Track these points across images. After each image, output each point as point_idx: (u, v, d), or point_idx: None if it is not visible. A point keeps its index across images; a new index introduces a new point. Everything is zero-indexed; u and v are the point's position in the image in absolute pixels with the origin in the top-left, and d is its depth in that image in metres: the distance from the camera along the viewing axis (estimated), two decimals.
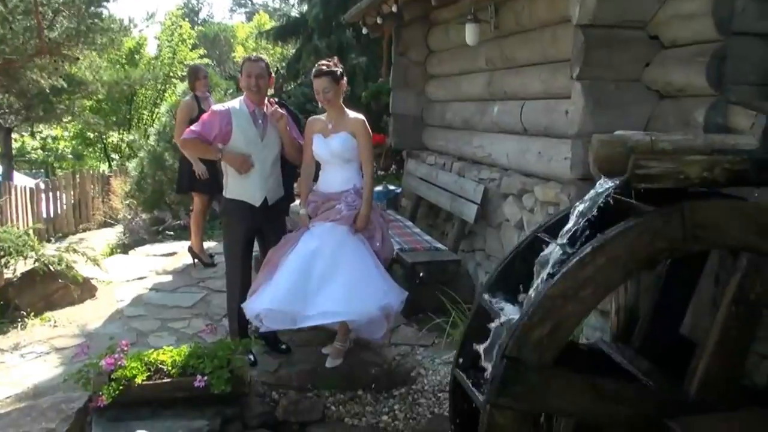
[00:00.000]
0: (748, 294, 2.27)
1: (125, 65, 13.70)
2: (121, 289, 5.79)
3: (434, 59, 6.87)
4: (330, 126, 4.15)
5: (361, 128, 4.13)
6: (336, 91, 4.09)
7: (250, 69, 4.11)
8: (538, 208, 4.39)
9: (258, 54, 4.28)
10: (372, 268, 4.05)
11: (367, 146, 4.16)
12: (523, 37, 4.90)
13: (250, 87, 4.10)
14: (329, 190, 4.17)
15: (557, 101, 4.44)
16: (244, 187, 4.15)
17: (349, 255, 3.97)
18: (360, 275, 3.94)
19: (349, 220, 4.02)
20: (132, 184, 8.79)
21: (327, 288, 3.83)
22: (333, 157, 4.12)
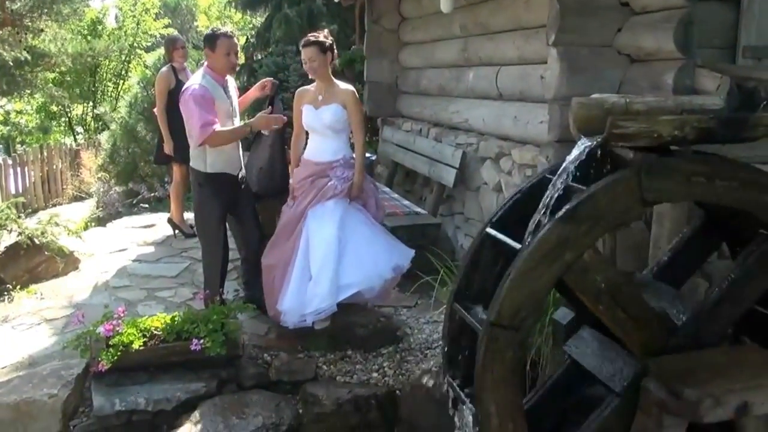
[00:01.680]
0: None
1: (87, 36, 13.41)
2: (104, 261, 5.83)
3: (408, 27, 6.95)
4: (320, 98, 4.24)
5: (351, 99, 4.23)
6: (322, 62, 4.16)
7: (231, 46, 4.17)
8: (516, 171, 4.56)
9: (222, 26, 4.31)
10: (376, 233, 4.21)
11: (358, 116, 4.28)
12: (496, 4, 5.00)
13: (231, 64, 4.20)
14: (319, 159, 4.27)
15: (532, 67, 4.58)
16: (226, 160, 4.23)
17: (352, 225, 4.12)
18: (367, 242, 4.11)
19: (346, 193, 4.15)
20: (104, 157, 8.75)
21: (340, 263, 3.97)
22: (324, 128, 4.21)
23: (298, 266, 4.09)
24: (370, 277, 4.11)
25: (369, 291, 4.18)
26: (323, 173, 4.23)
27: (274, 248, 4.25)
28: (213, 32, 4.22)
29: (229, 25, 24.92)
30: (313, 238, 4.11)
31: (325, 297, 3.96)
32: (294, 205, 4.26)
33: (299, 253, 4.12)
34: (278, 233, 4.27)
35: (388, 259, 4.20)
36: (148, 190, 8.45)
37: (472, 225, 5.33)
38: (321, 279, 4.00)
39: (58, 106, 13.96)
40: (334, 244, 4.05)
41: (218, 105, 4.09)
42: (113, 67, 14.66)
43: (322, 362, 3.94)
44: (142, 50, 15.10)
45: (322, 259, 4.03)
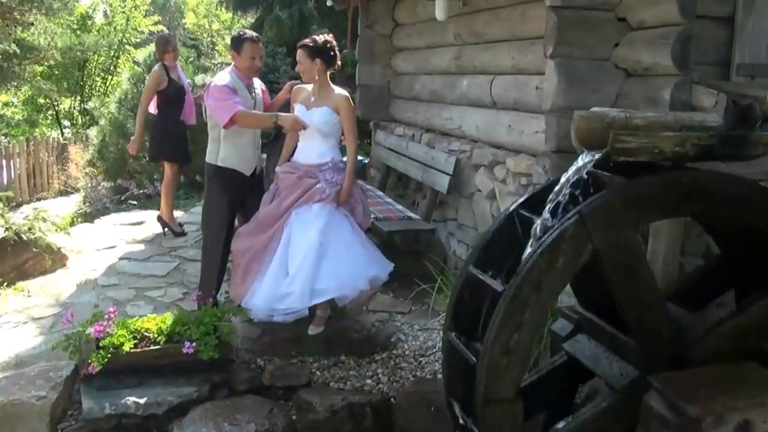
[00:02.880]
0: None
1: (77, 30, 13.28)
2: (93, 259, 5.79)
3: (401, 33, 6.96)
4: (313, 99, 4.26)
5: (344, 104, 4.25)
6: (309, 66, 4.19)
7: (256, 51, 4.26)
8: (510, 179, 4.59)
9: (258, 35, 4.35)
10: (358, 242, 4.22)
11: (350, 122, 4.29)
12: (492, 14, 5.03)
13: (254, 68, 4.29)
14: (307, 161, 4.28)
15: (527, 77, 4.61)
16: (240, 157, 4.30)
17: (335, 231, 4.13)
18: (347, 250, 4.12)
19: (333, 198, 4.16)
20: (93, 152, 8.67)
21: (318, 268, 3.98)
22: (313, 130, 4.23)
23: (275, 263, 4.09)
24: (345, 286, 4.10)
25: (341, 299, 4.18)
26: (311, 174, 4.24)
27: (248, 235, 4.25)
28: (240, 36, 4.30)
29: (216, 23, 24.85)
30: (295, 239, 4.12)
31: (297, 298, 3.97)
32: (277, 200, 4.26)
33: (278, 250, 4.12)
34: (256, 222, 4.27)
35: (365, 270, 4.19)
36: (137, 187, 8.39)
37: (466, 231, 5.36)
38: (297, 279, 4.00)
39: (46, 99, 13.81)
40: (314, 248, 4.05)
41: (241, 102, 4.12)
42: (102, 62, 14.54)
43: (316, 368, 3.93)
44: (132, 46, 14.98)
45: (301, 260, 4.04)
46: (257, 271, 4.06)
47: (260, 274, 4.04)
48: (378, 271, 4.25)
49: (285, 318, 4.00)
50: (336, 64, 4.36)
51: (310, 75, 4.22)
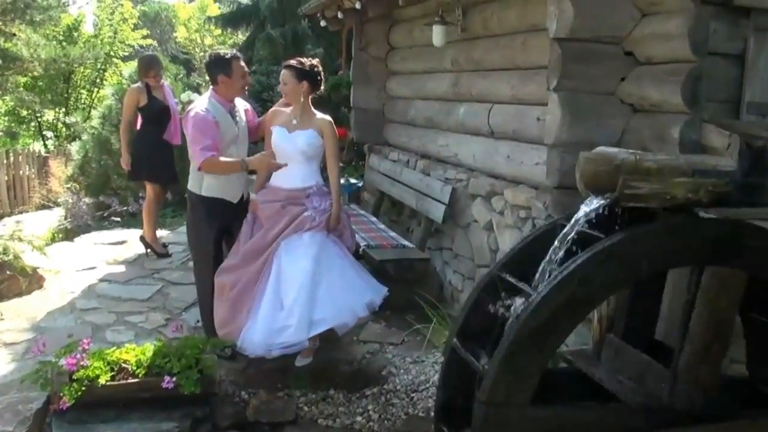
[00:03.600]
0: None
1: (62, 42, 13.08)
2: (71, 280, 5.57)
3: (396, 56, 6.88)
4: (294, 121, 4.15)
5: (328, 128, 4.16)
6: (294, 87, 4.09)
7: (244, 66, 4.13)
8: (509, 211, 4.47)
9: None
10: (350, 267, 4.10)
11: (334, 146, 4.21)
12: (491, 41, 4.95)
13: (242, 89, 4.14)
14: (289, 186, 4.14)
15: (527, 107, 4.52)
16: (225, 186, 4.13)
17: (327, 259, 4.01)
18: (341, 277, 4.01)
19: (323, 225, 4.02)
20: (75, 167, 8.44)
21: (314, 298, 3.85)
22: (296, 153, 4.11)
23: (268, 296, 3.94)
24: (343, 314, 3.99)
25: (342, 327, 4.07)
26: (296, 200, 4.10)
27: (233, 269, 4.07)
28: (224, 56, 4.09)
29: (209, 38, 24.75)
30: (286, 270, 3.97)
31: (295, 330, 3.82)
32: (262, 230, 4.10)
33: (269, 283, 3.97)
34: (241, 254, 4.09)
35: (361, 296, 4.09)
36: (121, 204, 8.16)
37: (461, 261, 5.22)
38: (294, 311, 3.86)
39: (28, 110, 13.56)
40: (308, 278, 3.92)
41: (223, 130, 4.00)
42: (88, 75, 14.31)
43: (303, 402, 3.76)
44: (119, 59, 14.79)
45: (296, 291, 3.90)
46: (248, 306, 3.89)
47: (254, 309, 3.88)
48: (373, 295, 4.13)
49: (284, 352, 3.85)
50: (320, 89, 4.28)
51: (295, 96, 4.11)
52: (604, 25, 3.40)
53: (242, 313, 3.89)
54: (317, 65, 4.16)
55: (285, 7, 9.18)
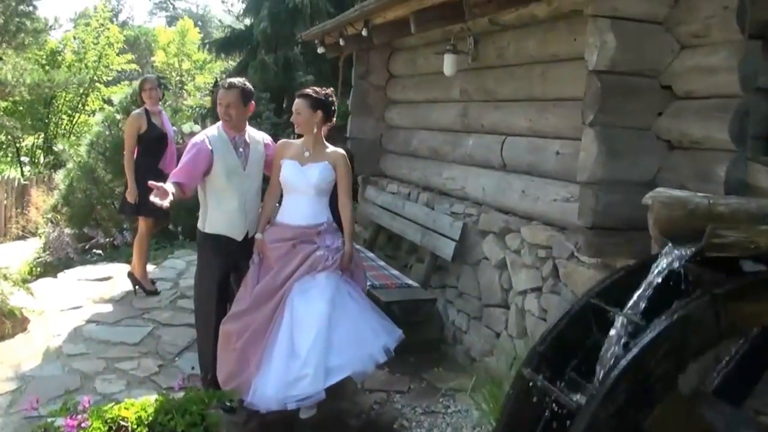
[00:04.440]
0: None
1: (45, 66, 12.71)
2: (56, 321, 5.20)
3: (397, 85, 6.68)
4: (307, 154, 3.91)
5: (342, 161, 3.94)
6: (308, 116, 3.87)
7: (221, 97, 3.91)
8: (526, 250, 4.24)
9: (231, 80, 3.96)
10: (365, 309, 3.85)
11: (347, 180, 3.98)
12: (506, 71, 4.77)
13: (222, 116, 3.91)
14: (298, 222, 3.89)
15: (545, 140, 4.33)
16: (225, 221, 3.90)
17: (341, 301, 3.76)
18: (356, 320, 3.78)
19: (338, 266, 3.77)
20: (59, 196, 8.07)
21: (329, 344, 3.57)
22: (309, 187, 3.87)
23: (281, 345, 3.65)
24: (362, 360, 3.72)
25: (360, 375, 3.81)
26: (308, 238, 3.84)
27: (241, 315, 3.77)
28: (245, 84, 3.93)
29: (187, 63, 24.52)
30: (299, 315, 3.69)
31: (312, 381, 3.53)
32: (272, 272, 3.82)
33: (281, 329, 3.68)
34: (250, 299, 3.79)
35: (378, 339, 3.82)
36: (105, 236, 7.79)
37: (467, 300, 4.97)
38: (310, 360, 3.57)
39: (7, 136, 13.12)
40: (324, 322, 3.65)
41: (219, 159, 3.80)
42: (70, 100, 13.93)
43: None
44: (102, 84, 14.45)
45: (312, 338, 3.61)
46: (258, 357, 3.59)
47: (265, 359, 3.58)
48: (388, 338, 3.86)
49: (300, 405, 3.56)
50: (333, 120, 4.06)
51: (308, 127, 3.89)
52: (644, 58, 3.22)
53: (252, 364, 3.59)
54: (332, 95, 3.94)
55: (277, 34, 8.99)
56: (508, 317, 4.43)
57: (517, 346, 4.31)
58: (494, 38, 4.89)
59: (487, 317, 4.68)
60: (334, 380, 3.57)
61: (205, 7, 42.12)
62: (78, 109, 14.17)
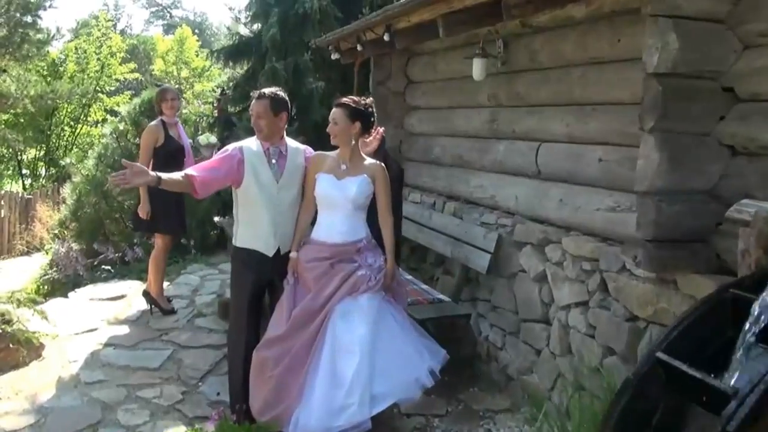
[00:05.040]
0: None
1: (47, 77, 12.46)
2: (71, 345, 4.98)
3: (417, 91, 6.46)
4: (344, 167, 3.69)
5: (381, 173, 3.72)
6: (345, 127, 3.66)
7: (253, 107, 3.72)
8: (569, 263, 4.01)
9: (263, 90, 3.74)
10: (408, 331, 3.63)
11: (387, 194, 3.75)
12: (539, 75, 4.55)
13: (253, 127, 3.70)
14: (337, 240, 3.67)
15: (585, 147, 4.12)
16: (255, 235, 3.70)
17: (385, 323, 3.54)
18: (401, 343, 3.57)
19: (380, 286, 3.56)
20: (67, 211, 7.84)
21: (374, 369, 3.35)
22: (346, 202, 3.65)
23: (324, 372, 3.41)
24: (408, 385, 3.51)
25: (406, 401, 3.60)
26: (347, 257, 3.63)
27: (278, 341, 3.53)
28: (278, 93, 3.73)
29: (185, 71, 24.29)
30: (343, 340, 3.46)
31: (357, 409, 3.29)
32: (311, 294, 3.60)
33: (322, 355, 3.45)
34: (287, 323, 3.56)
35: (423, 362, 3.60)
36: (115, 251, 7.57)
37: (501, 315, 4.74)
38: (355, 387, 3.34)
39: (8, 149, 12.88)
40: (367, 346, 3.43)
41: (250, 169, 3.62)
42: (72, 111, 13.68)
43: None
44: (104, 94, 14.22)
45: (357, 364, 3.38)
46: (299, 385, 3.36)
47: (307, 388, 3.34)
48: (433, 360, 3.65)
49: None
50: (371, 131, 3.85)
51: (345, 138, 3.67)
52: (708, 59, 3.00)
53: (292, 393, 3.36)
54: (371, 105, 3.72)
55: (287, 40, 8.75)
56: (549, 333, 4.21)
57: (561, 363, 4.08)
58: (525, 41, 4.68)
59: (525, 333, 4.46)
60: (381, 408, 3.35)
61: (202, 15, 42.17)
62: (80, 120, 13.93)
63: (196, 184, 3.54)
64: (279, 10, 8.83)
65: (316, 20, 8.67)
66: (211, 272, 7.04)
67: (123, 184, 3.36)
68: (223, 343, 5.02)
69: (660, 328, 3.39)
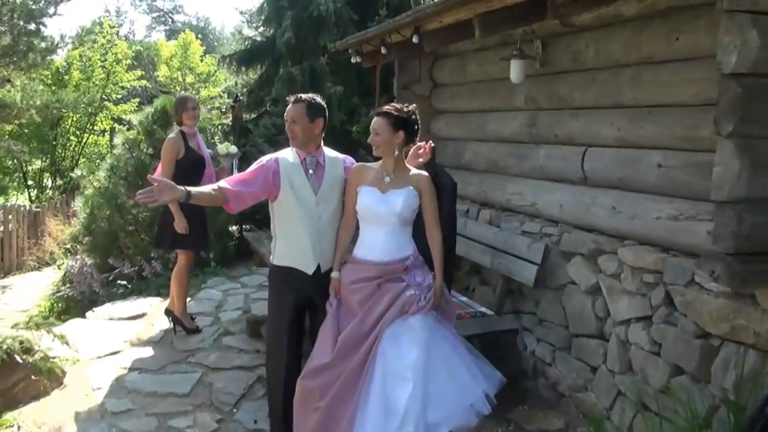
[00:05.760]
0: None
1: (51, 86, 12.22)
2: (93, 370, 4.74)
3: (444, 94, 6.22)
4: (387, 179, 3.43)
5: (428, 185, 3.46)
6: (388, 137, 3.39)
7: (288, 112, 3.46)
8: (629, 275, 3.77)
9: (300, 94, 3.50)
10: (461, 353, 3.37)
11: (434, 206, 3.49)
12: (584, 76, 4.32)
13: (287, 132, 3.46)
14: (383, 258, 3.41)
15: (640, 151, 3.89)
16: (294, 252, 3.46)
17: (437, 345, 3.28)
18: (455, 366, 3.30)
19: (431, 307, 3.31)
20: (80, 225, 7.59)
21: (427, 396, 3.11)
22: (391, 216, 3.39)
23: (375, 401, 3.16)
24: (464, 412, 3.23)
25: (461, 429, 3.31)
26: (395, 276, 3.38)
27: (322, 370, 3.28)
28: (314, 99, 3.49)
29: (190, 76, 24.04)
30: (394, 366, 3.21)
31: None
32: (357, 318, 3.35)
33: (373, 383, 3.20)
34: (333, 350, 3.31)
35: (478, 386, 3.34)
36: (131, 266, 7.32)
37: (549, 329, 4.50)
38: (409, 416, 3.08)
39: (14, 160, 12.63)
40: (421, 372, 3.17)
41: (286, 181, 3.38)
42: (77, 120, 13.42)
43: None
44: (111, 102, 13.97)
45: (409, 392, 3.13)
46: (349, 415, 3.11)
47: (359, 420, 3.09)
48: (488, 384, 3.37)
49: None
50: (416, 140, 3.60)
51: (388, 148, 3.40)
52: None
53: (341, 424, 3.11)
54: (415, 112, 3.47)
55: (302, 44, 8.53)
56: (606, 349, 3.97)
57: (620, 381, 3.84)
58: (567, 41, 4.44)
59: (577, 348, 4.22)
60: None
61: (205, 19, 41.82)
62: (86, 130, 13.68)
63: (229, 198, 3.30)
64: (293, 13, 8.63)
65: (332, 23, 8.47)
66: (233, 286, 6.80)
67: (150, 202, 3.10)
68: (255, 364, 4.81)
69: (737, 345, 3.17)
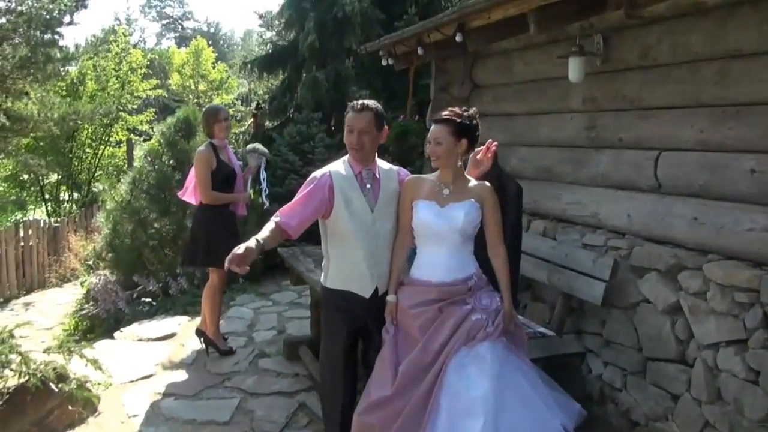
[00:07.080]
0: None
1: (66, 97, 11.96)
2: (127, 396, 4.42)
3: (486, 96, 5.87)
4: (446, 192, 3.10)
5: (490, 196, 3.13)
6: (450, 148, 3.06)
7: (353, 121, 3.11)
8: (717, 293, 3.41)
9: (363, 101, 3.16)
10: (537, 382, 3.02)
11: (498, 220, 3.15)
12: (654, 73, 3.97)
13: (351, 144, 3.11)
14: (443, 278, 3.07)
15: (727, 155, 3.54)
16: (350, 274, 3.15)
17: (510, 377, 2.91)
18: (528, 398, 2.94)
19: (501, 332, 2.96)
20: (103, 242, 7.29)
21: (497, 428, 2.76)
22: (452, 232, 3.06)
23: None
24: None
25: None
26: (458, 299, 3.04)
27: (383, 404, 2.94)
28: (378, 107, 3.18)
29: (203, 84, 23.83)
30: (461, 399, 2.86)
31: None
32: (419, 346, 3.01)
33: (439, 419, 2.85)
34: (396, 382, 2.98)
35: (554, 419, 2.98)
36: (157, 282, 7.00)
37: (618, 351, 4.13)
38: None
39: (30, 174, 12.38)
40: (492, 406, 2.82)
41: (340, 198, 3.07)
42: (93, 132, 13.16)
43: None
44: (126, 113, 13.70)
45: (479, 428, 2.77)
46: None
47: None
48: (563, 417, 3.02)
49: None
50: (475, 147, 3.26)
51: (450, 159, 3.07)
52: None
53: None
54: (476, 116, 3.13)
55: (326, 47, 8.22)
56: (690, 376, 3.60)
57: (709, 412, 3.47)
58: (634, 34, 4.09)
59: (654, 374, 3.85)
60: None
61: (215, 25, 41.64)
62: (102, 141, 13.42)
63: (290, 231, 2.99)
64: (315, 15, 8.31)
65: (357, 24, 8.14)
66: (265, 304, 6.48)
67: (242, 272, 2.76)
68: (295, 389, 4.50)
69: None
